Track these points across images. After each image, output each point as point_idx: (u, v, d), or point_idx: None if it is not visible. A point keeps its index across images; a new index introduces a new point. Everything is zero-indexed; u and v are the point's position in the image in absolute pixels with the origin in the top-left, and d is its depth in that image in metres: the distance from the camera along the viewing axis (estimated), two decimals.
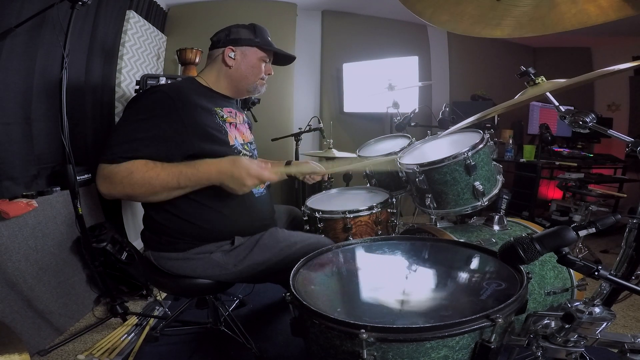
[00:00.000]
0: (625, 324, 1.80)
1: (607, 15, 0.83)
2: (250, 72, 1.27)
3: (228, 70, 1.26)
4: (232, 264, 1.15)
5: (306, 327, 0.72)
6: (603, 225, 0.75)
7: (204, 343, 1.63)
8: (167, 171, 1.02)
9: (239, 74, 1.27)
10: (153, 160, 1.03)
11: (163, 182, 1.02)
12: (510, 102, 1.01)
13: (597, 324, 0.71)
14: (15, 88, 1.63)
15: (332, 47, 3.68)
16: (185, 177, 1.03)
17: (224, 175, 1.05)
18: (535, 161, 3.14)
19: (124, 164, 1.00)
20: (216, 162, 1.06)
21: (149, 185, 1.01)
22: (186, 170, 1.04)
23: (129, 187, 1.00)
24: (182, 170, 1.03)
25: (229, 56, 1.24)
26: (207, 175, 1.05)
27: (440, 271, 0.90)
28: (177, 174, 1.03)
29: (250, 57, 1.26)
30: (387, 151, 1.68)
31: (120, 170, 0.99)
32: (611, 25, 1.01)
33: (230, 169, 1.04)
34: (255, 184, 1.08)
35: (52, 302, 1.66)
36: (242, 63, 1.26)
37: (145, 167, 1.01)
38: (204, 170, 1.04)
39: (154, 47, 2.95)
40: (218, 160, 1.06)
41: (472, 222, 1.53)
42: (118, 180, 1.00)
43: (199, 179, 1.05)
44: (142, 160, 1.02)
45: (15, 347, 0.74)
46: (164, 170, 1.02)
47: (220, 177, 1.05)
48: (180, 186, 1.04)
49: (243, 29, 1.26)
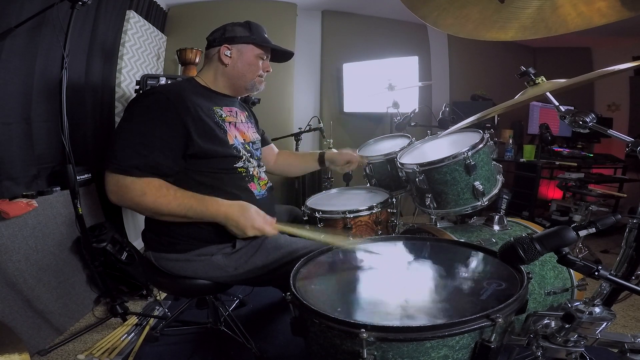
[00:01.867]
0: (625, 324, 1.80)
1: (609, 16, 0.83)
2: (247, 69, 1.26)
3: (225, 68, 1.25)
4: (233, 267, 1.15)
5: (306, 327, 0.72)
6: (603, 225, 0.75)
7: (204, 343, 1.63)
8: (178, 202, 1.05)
9: (235, 72, 1.26)
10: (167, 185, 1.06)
11: (171, 211, 1.06)
12: (510, 102, 1.01)
13: (597, 324, 0.71)
14: (15, 88, 1.63)
15: (332, 47, 3.68)
16: (193, 212, 1.07)
17: (230, 221, 1.08)
18: (535, 161, 3.14)
19: (138, 183, 1.02)
20: (226, 206, 1.09)
21: (157, 210, 1.05)
22: (196, 206, 1.07)
23: (137, 206, 1.05)
24: (192, 206, 1.06)
25: (225, 54, 1.24)
26: (215, 215, 1.08)
27: (440, 271, 0.90)
28: (186, 208, 1.06)
29: (246, 55, 1.25)
30: (387, 151, 1.68)
31: (135, 188, 1.02)
32: (611, 26, 1.01)
33: (237, 217, 1.08)
34: (255, 234, 1.10)
35: (52, 302, 1.66)
36: (238, 61, 1.25)
37: (158, 192, 1.04)
38: (213, 210, 1.08)
39: (154, 47, 2.95)
40: (229, 204, 1.09)
41: (472, 222, 1.53)
42: (129, 197, 1.03)
43: (205, 216, 1.08)
44: (157, 181, 1.05)
45: (15, 347, 0.74)
46: (175, 200, 1.05)
47: (227, 221, 1.09)
48: (186, 217, 1.08)
49: (238, 27, 1.25)
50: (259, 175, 1.29)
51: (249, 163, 1.24)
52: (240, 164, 1.21)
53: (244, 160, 1.22)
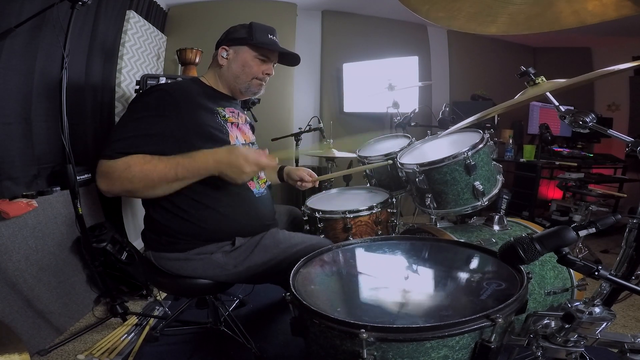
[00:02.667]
0: (625, 324, 1.80)
1: (605, 14, 0.83)
2: (240, 71, 1.25)
3: (220, 69, 1.26)
4: (233, 264, 1.15)
5: (306, 327, 0.72)
6: (603, 225, 0.75)
7: (204, 343, 1.63)
8: (165, 163, 1.02)
9: (230, 73, 1.26)
10: (151, 156, 1.02)
11: (161, 174, 1.01)
12: (510, 102, 1.01)
13: (597, 324, 0.71)
14: (15, 88, 1.63)
15: (332, 47, 3.68)
16: (182, 167, 1.02)
17: (222, 164, 1.04)
18: (535, 161, 3.14)
19: (121, 159, 1.00)
20: (213, 151, 1.05)
21: (147, 178, 1.00)
22: (183, 161, 1.03)
23: (127, 181, 1.00)
24: (179, 161, 1.02)
25: (222, 55, 1.25)
26: (205, 164, 1.03)
27: (440, 271, 0.89)
28: (174, 165, 1.02)
29: (241, 56, 1.25)
30: (387, 151, 1.68)
31: (118, 165, 0.99)
32: (611, 25, 1.01)
33: (228, 156, 1.04)
34: (254, 171, 1.07)
35: (52, 302, 1.66)
36: (233, 62, 1.25)
37: (143, 159, 1.01)
38: (201, 159, 1.03)
39: (154, 47, 2.95)
40: (214, 150, 1.06)
41: (472, 222, 1.53)
42: (116, 175, 1.00)
43: (197, 169, 1.03)
44: (140, 154, 1.02)
45: (15, 347, 0.74)
46: (162, 162, 1.02)
47: (218, 166, 1.04)
48: (179, 177, 1.03)
49: (241, 29, 1.26)
50: (258, 174, 1.29)
51: None
52: None
53: None
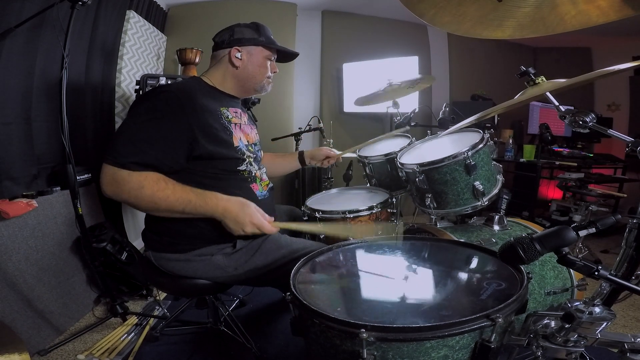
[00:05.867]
0: (625, 324, 1.80)
1: (607, 15, 0.83)
2: (257, 71, 1.27)
3: (235, 70, 1.26)
4: (233, 267, 1.15)
5: (306, 327, 0.72)
6: (603, 225, 0.75)
7: (204, 343, 1.63)
8: (177, 197, 1.04)
9: (246, 74, 1.27)
10: (165, 178, 1.04)
11: (169, 206, 1.04)
12: (510, 102, 1.01)
13: (597, 323, 0.71)
14: (15, 88, 1.63)
15: (332, 47, 3.68)
16: (192, 207, 1.05)
17: (229, 214, 1.06)
18: (535, 161, 3.13)
19: (135, 176, 1.00)
20: (225, 200, 1.07)
21: (154, 204, 1.03)
22: (195, 200, 1.05)
23: (135, 199, 1.02)
24: (190, 200, 1.05)
25: (236, 57, 1.23)
26: (213, 210, 1.06)
27: (440, 271, 0.89)
28: (185, 203, 1.04)
29: (256, 57, 1.26)
30: (387, 151, 1.68)
31: (132, 181, 1.01)
32: (611, 26, 1.01)
33: (237, 211, 1.06)
34: (252, 232, 1.09)
35: (52, 302, 1.66)
36: (249, 63, 1.25)
37: (157, 185, 1.02)
38: (212, 205, 1.06)
39: (154, 47, 2.95)
40: (228, 198, 1.08)
41: (472, 222, 1.53)
42: (126, 189, 1.01)
43: (204, 212, 1.06)
44: (155, 175, 1.03)
45: (15, 347, 0.74)
46: (174, 194, 1.04)
47: (225, 214, 1.06)
48: (184, 213, 1.06)
49: (246, 29, 1.25)
50: (261, 176, 1.29)
51: (251, 165, 1.24)
52: (244, 166, 1.21)
53: (246, 163, 1.22)
